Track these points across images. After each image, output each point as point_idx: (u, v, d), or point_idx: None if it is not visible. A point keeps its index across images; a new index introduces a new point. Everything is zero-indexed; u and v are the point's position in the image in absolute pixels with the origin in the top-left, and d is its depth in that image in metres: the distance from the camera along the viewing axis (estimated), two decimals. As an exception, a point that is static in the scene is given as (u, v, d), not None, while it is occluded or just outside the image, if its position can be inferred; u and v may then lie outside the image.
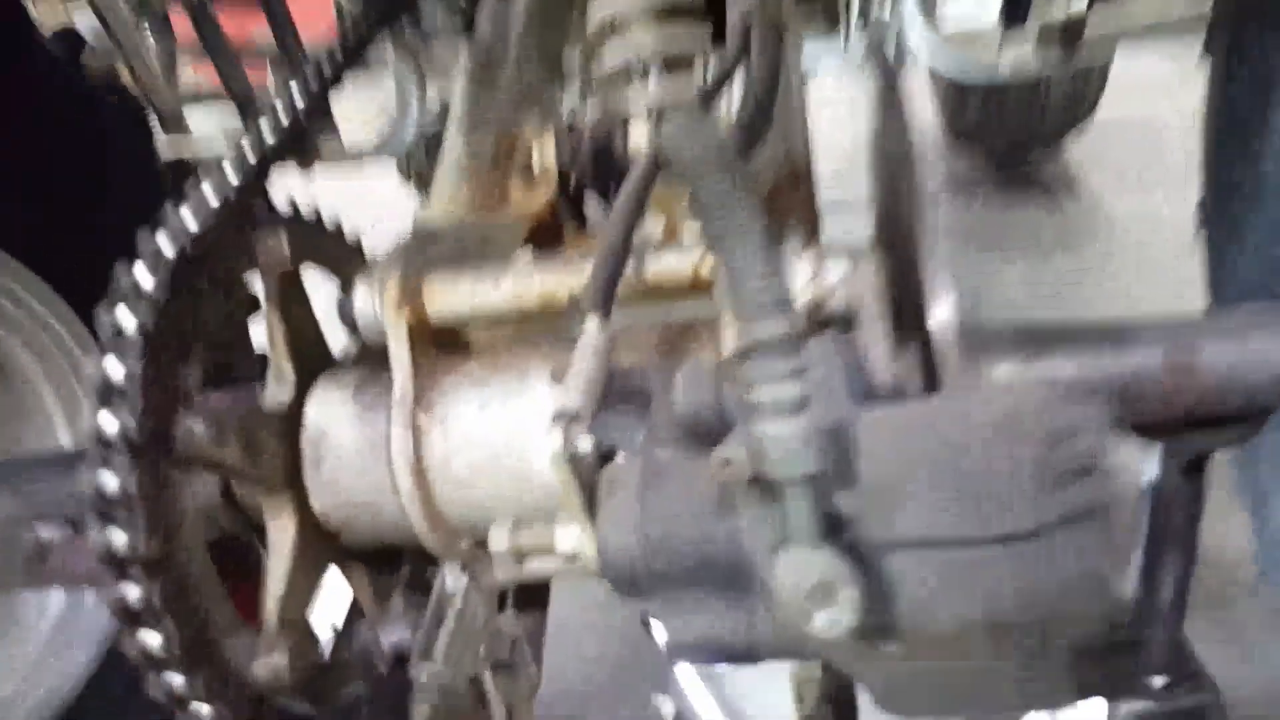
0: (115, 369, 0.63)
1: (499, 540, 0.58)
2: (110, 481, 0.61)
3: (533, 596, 1.03)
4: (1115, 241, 3.04)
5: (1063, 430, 0.41)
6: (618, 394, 0.61)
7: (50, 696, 1.10)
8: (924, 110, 3.39)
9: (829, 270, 0.58)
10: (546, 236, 0.98)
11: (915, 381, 0.51)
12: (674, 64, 0.61)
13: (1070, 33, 1.46)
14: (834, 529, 0.43)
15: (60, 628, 1.15)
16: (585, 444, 0.53)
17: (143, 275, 0.66)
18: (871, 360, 0.52)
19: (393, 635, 0.91)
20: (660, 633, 1.42)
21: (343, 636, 0.89)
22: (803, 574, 0.41)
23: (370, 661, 0.90)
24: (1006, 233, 3.12)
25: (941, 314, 0.51)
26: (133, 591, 0.62)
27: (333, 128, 1.68)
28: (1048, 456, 0.40)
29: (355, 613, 0.87)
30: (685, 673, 1.70)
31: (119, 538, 0.61)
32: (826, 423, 0.42)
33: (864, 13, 1.73)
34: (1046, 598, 0.41)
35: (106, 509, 0.61)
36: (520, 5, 1.14)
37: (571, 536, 0.55)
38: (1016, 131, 3.29)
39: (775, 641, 0.49)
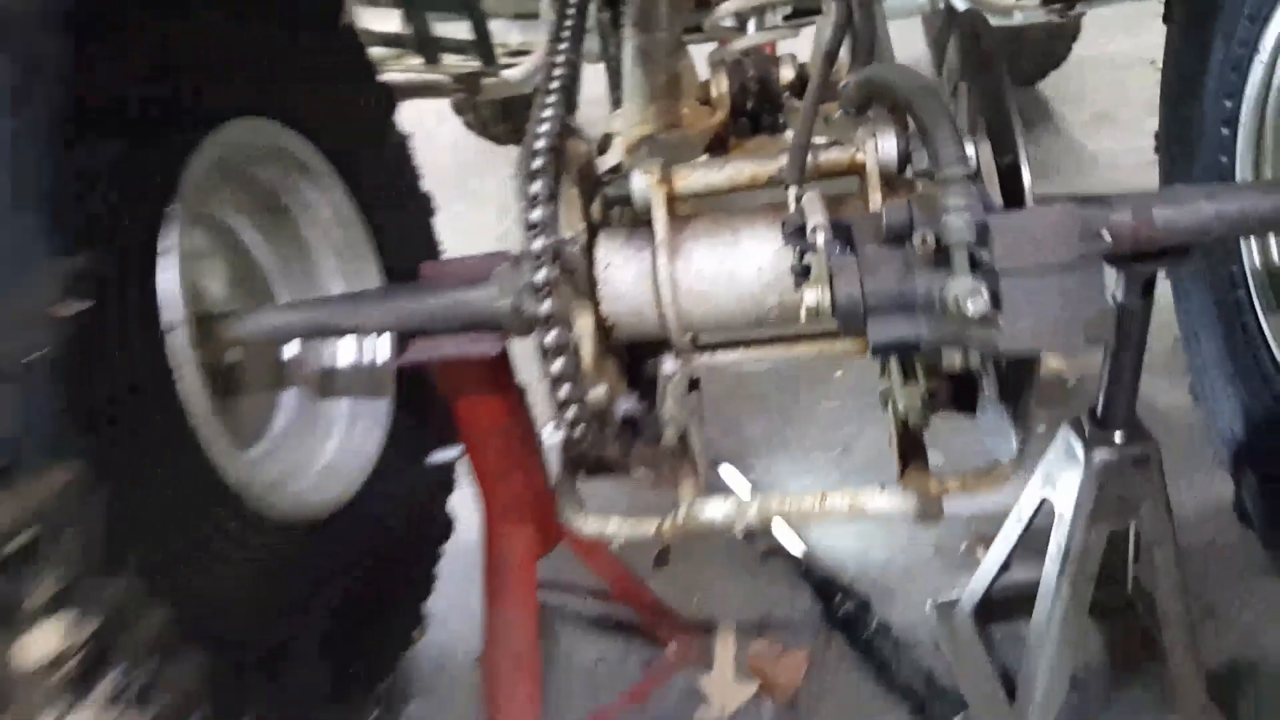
0: (540, 212, 1.09)
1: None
2: (542, 274, 1.08)
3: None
4: (1084, 170, 3.49)
5: (1088, 219, 0.89)
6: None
7: (364, 453, 1.60)
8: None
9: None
10: (716, 144, 1.43)
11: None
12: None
13: (1067, -1, 1.95)
14: (976, 267, 0.92)
15: (352, 415, 1.63)
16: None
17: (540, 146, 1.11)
18: (988, 194, 1.00)
19: (623, 407, 1.38)
20: (732, 473, 1.91)
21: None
22: (968, 290, 0.89)
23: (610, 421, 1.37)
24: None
25: (1028, 176, 1.00)
26: (551, 336, 1.09)
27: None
28: (1082, 227, 0.88)
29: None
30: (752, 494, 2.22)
31: (547, 306, 1.08)
32: (978, 219, 0.90)
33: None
34: (1074, 299, 0.89)
35: (540, 290, 1.08)
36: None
37: (814, 295, 1.02)
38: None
39: (932, 334, 0.98)
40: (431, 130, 2.05)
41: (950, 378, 1.37)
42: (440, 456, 1.58)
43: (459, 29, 2.15)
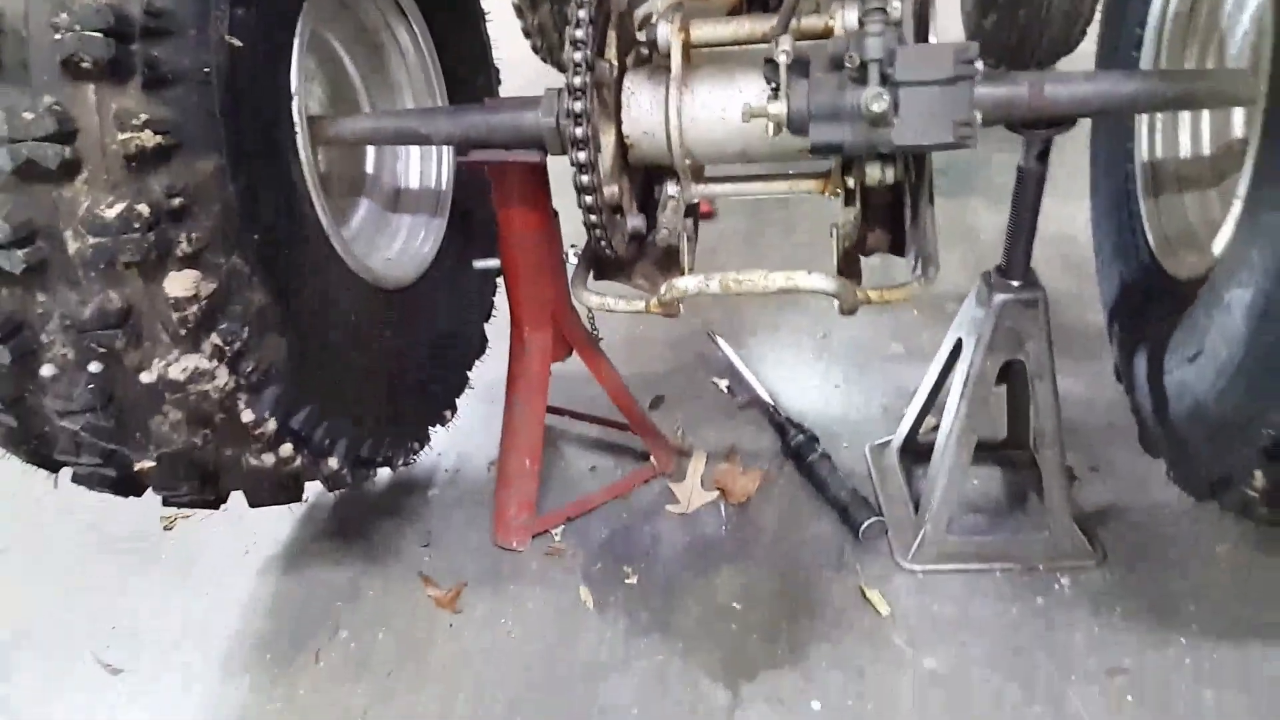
0: (581, 33, 1.47)
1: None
2: (578, 79, 1.46)
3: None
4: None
5: (959, 51, 1.27)
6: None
7: (420, 255, 2.01)
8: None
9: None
10: (734, 13, 1.81)
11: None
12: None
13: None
14: (884, 79, 1.29)
15: (414, 226, 2.04)
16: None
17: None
18: (904, 34, 1.37)
19: (632, 221, 1.76)
20: (723, 343, 2.33)
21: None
22: (873, 94, 1.26)
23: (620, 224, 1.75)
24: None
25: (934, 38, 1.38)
26: (579, 131, 1.47)
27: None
28: (960, 53, 1.26)
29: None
30: (736, 360, 2.60)
31: (579, 105, 1.46)
32: (888, 44, 1.27)
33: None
34: (948, 106, 1.26)
35: (576, 96, 1.46)
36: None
37: (777, 108, 1.39)
38: (1016, 50, 4.07)
39: (854, 138, 1.35)
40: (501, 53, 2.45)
41: (887, 224, 1.74)
42: (483, 263, 1.98)
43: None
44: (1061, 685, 1.64)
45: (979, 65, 1.26)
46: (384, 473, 2.12)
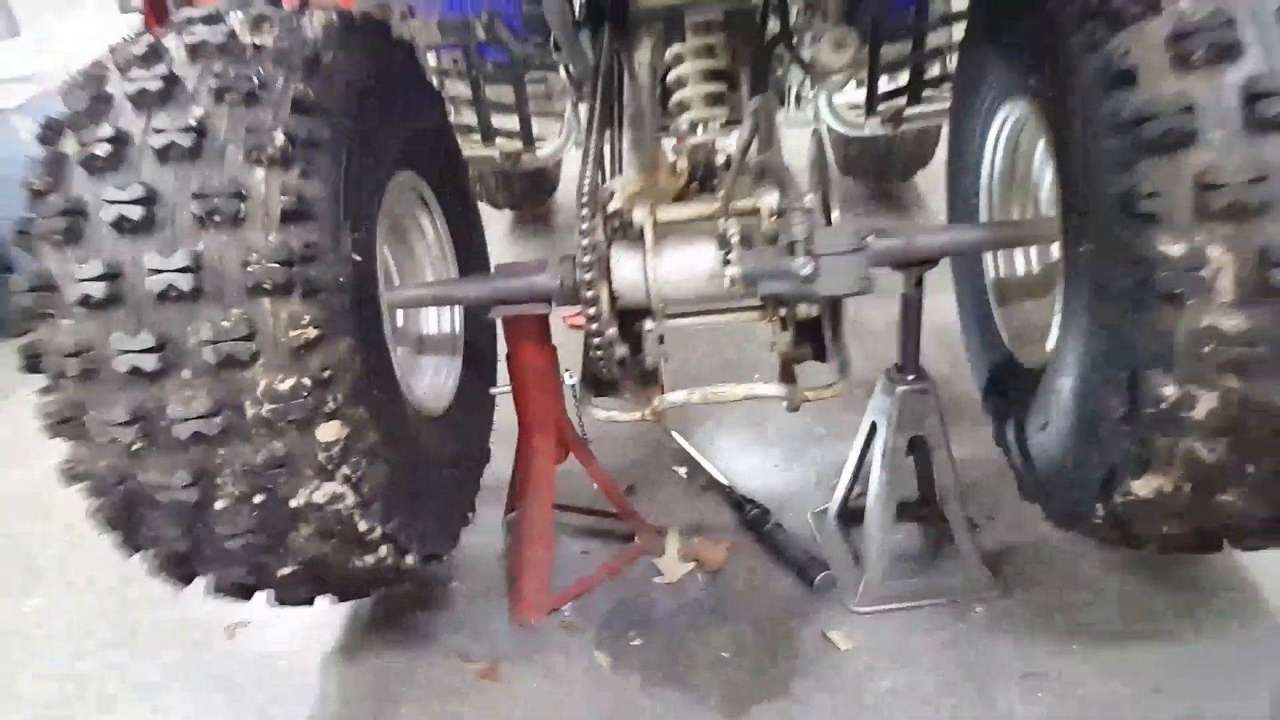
0: (586, 225, 2.02)
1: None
2: (586, 258, 2.00)
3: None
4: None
5: (858, 229, 1.87)
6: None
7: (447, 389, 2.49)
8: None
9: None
10: (678, 197, 2.38)
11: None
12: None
13: (896, 118, 3.06)
14: (809, 252, 1.88)
15: (435, 371, 2.52)
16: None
17: (586, 190, 2.05)
18: (819, 218, 1.98)
19: (619, 351, 2.29)
20: (679, 437, 2.89)
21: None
22: (802, 263, 1.84)
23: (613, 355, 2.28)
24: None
25: (836, 215, 1.98)
26: (590, 294, 2.00)
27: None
28: (858, 230, 1.86)
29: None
30: (692, 450, 3.12)
31: (589, 276, 2.00)
32: (810, 229, 1.87)
33: (798, 99, 3.29)
34: (852, 268, 1.86)
35: (585, 269, 2.00)
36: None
37: (734, 270, 1.96)
38: (880, 168, 4.93)
39: (791, 289, 1.93)
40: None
41: (811, 340, 2.33)
42: (497, 390, 2.48)
43: (509, 122, 3.25)
44: (990, 690, 2.11)
45: (870, 239, 1.86)
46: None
